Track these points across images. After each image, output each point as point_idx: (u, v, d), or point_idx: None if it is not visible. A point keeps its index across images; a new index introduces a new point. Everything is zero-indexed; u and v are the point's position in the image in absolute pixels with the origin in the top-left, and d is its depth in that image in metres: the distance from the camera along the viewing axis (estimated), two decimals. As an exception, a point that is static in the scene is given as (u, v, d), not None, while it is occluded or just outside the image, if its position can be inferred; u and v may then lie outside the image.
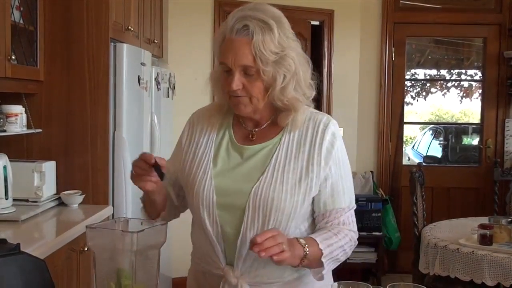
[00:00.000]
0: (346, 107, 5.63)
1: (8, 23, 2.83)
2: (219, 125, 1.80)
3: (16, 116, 3.13)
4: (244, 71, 1.60)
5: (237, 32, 1.59)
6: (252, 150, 1.72)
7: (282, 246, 1.50)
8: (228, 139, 1.77)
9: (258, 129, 1.75)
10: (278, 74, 1.61)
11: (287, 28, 1.66)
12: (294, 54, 1.64)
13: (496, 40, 5.66)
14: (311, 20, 5.53)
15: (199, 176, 1.72)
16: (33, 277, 1.58)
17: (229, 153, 1.74)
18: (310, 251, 1.60)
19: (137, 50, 3.73)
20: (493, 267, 3.09)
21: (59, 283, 2.44)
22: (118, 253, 1.47)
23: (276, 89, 1.62)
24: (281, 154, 1.69)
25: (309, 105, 1.75)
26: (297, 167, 1.68)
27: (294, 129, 1.71)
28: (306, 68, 1.69)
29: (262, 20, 1.59)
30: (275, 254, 1.48)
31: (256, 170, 1.69)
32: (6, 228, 2.71)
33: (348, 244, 1.75)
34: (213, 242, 1.70)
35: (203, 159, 1.75)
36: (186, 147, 1.81)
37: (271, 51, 1.58)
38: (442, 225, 3.91)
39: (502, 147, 5.72)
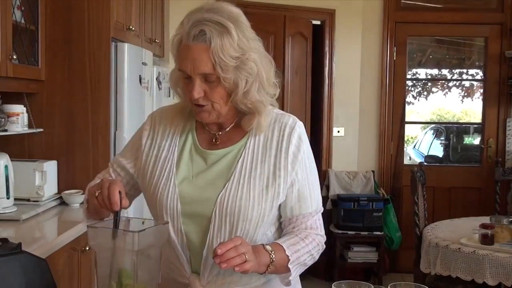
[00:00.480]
0: (347, 106, 5.63)
1: (10, 23, 2.83)
2: (182, 128, 1.72)
3: (18, 115, 3.13)
4: (205, 78, 1.54)
5: (194, 38, 1.51)
6: (217, 155, 1.66)
7: (244, 257, 1.46)
8: (192, 143, 1.70)
9: (222, 133, 1.69)
10: (240, 79, 1.54)
11: (246, 28, 1.58)
12: (255, 56, 1.57)
13: (498, 40, 5.66)
14: (312, 19, 5.53)
15: (161, 182, 1.65)
16: (35, 277, 1.58)
17: (193, 158, 1.68)
18: (276, 257, 1.57)
19: (139, 50, 3.73)
20: (495, 266, 3.09)
21: (60, 283, 2.44)
22: (119, 252, 1.47)
23: (239, 94, 1.56)
24: (246, 159, 1.64)
25: (274, 105, 1.69)
26: (263, 172, 1.63)
27: (259, 133, 1.66)
28: (269, 67, 1.63)
29: (219, 23, 1.51)
30: (237, 265, 1.46)
31: (221, 176, 1.63)
32: (7, 228, 2.72)
33: (315, 248, 1.71)
34: (178, 251, 1.65)
35: (166, 164, 1.67)
36: (147, 148, 1.72)
37: (231, 57, 1.51)
38: (443, 224, 3.91)
39: (504, 146, 5.72)
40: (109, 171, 1.79)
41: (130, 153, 1.77)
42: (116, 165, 1.78)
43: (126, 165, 1.76)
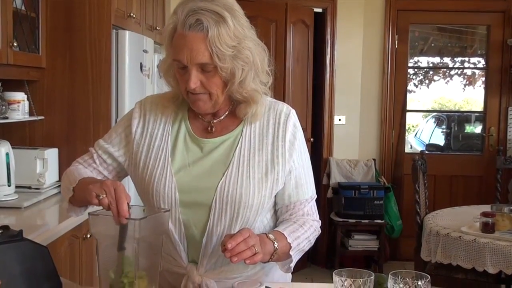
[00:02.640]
0: (349, 94, 5.63)
1: (10, 10, 2.82)
2: (174, 116, 1.70)
3: (19, 103, 3.13)
4: (201, 67, 1.52)
5: (190, 27, 1.48)
6: (213, 144, 1.65)
7: (254, 249, 1.47)
8: (185, 132, 1.68)
9: (217, 121, 1.68)
10: (236, 68, 1.53)
11: (241, 16, 1.56)
12: (251, 45, 1.56)
13: (500, 28, 5.64)
14: (314, 7, 5.51)
15: (157, 172, 1.63)
16: (36, 264, 1.58)
17: (188, 147, 1.66)
18: (279, 245, 1.58)
19: (140, 37, 3.72)
20: (495, 255, 3.10)
21: (61, 270, 2.44)
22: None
23: (235, 83, 1.55)
24: (244, 147, 1.64)
25: (266, 93, 1.67)
26: (262, 160, 1.63)
27: (254, 121, 1.66)
28: (263, 56, 1.62)
29: (215, 12, 1.49)
30: (248, 258, 1.46)
31: (219, 164, 1.63)
32: (9, 215, 2.73)
33: (313, 234, 1.72)
34: (175, 241, 1.65)
35: (160, 153, 1.66)
36: (138, 136, 1.70)
37: (227, 46, 1.49)
38: (444, 213, 3.92)
39: (505, 135, 5.72)
40: (92, 156, 1.75)
41: (118, 140, 1.73)
42: (101, 151, 1.74)
43: (113, 152, 1.73)
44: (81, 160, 1.77)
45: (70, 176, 1.68)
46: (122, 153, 1.73)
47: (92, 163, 1.74)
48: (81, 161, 1.77)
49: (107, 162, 1.74)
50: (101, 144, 1.75)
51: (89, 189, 1.45)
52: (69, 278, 2.50)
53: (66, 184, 1.67)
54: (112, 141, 1.74)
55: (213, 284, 1.65)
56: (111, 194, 1.42)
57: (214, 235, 1.61)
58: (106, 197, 1.42)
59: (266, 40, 5.63)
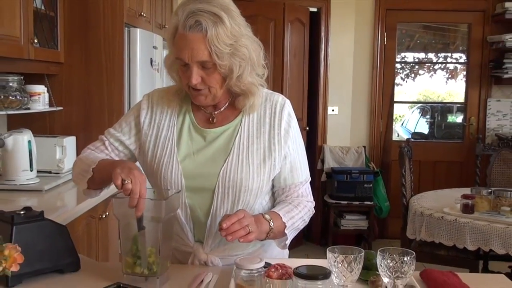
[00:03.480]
0: (341, 87, 5.62)
1: (31, 10, 2.81)
2: (179, 109, 1.70)
3: (39, 95, 3.13)
4: (202, 65, 1.52)
5: (190, 28, 1.48)
6: (214, 133, 1.66)
7: (248, 228, 1.48)
8: (190, 123, 1.68)
9: (218, 112, 1.68)
10: (234, 64, 1.53)
11: (237, 16, 1.55)
12: (247, 42, 1.55)
13: (480, 26, 5.62)
14: (309, 7, 5.49)
15: (164, 160, 1.64)
16: (56, 241, 1.59)
17: (192, 137, 1.67)
18: (275, 225, 1.59)
19: (149, 35, 3.71)
20: (474, 233, 3.11)
21: (79, 247, 2.45)
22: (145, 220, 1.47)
23: (233, 78, 1.55)
24: (243, 136, 1.64)
25: (262, 85, 1.66)
26: (260, 147, 1.64)
27: (252, 111, 1.66)
28: (258, 51, 1.60)
29: (213, 13, 1.48)
30: (241, 237, 1.47)
31: (221, 152, 1.64)
32: (31, 197, 2.73)
33: (307, 214, 1.73)
34: (182, 223, 1.66)
35: (167, 143, 1.66)
36: (146, 127, 1.69)
37: (225, 44, 1.49)
38: (428, 195, 3.92)
39: (484, 124, 5.72)
40: (104, 143, 1.74)
41: (128, 129, 1.73)
42: (112, 139, 1.73)
43: (125, 140, 1.72)
44: (92, 147, 1.76)
45: (86, 160, 1.67)
46: (133, 141, 1.72)
47: (104, 150, 1.74)
48: (92, 148, 1.76)
49: (119, 149, 1.73)
50: (112, 132, 1.75)
51: (116, 172, 1.44)
52: (86, 255, 2.52)
53: (83, 167, 1.66)
54: (123, 129, 1.74)
55: (218, 260, 1.67)
56: (136, 186, 1.41)
57: (218, 217, 1.61)
58: (131, 184, 1.41)
59: (266, 37, 5.63)
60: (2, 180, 2.87)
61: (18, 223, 1.51)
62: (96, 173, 1.61)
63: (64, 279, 1.56)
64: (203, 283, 1.51)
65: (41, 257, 1.53)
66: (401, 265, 1.36)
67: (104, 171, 1.56)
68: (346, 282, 1.38)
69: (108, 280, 1.47)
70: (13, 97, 2.90)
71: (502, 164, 4.39)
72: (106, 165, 1.57)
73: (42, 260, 1.53)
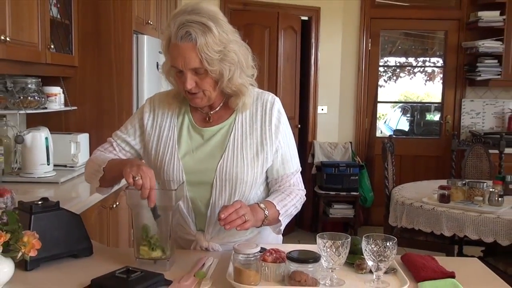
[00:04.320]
0: (330, 88, 5.61)
1: (48, 18, 2.80)
2: (178, 110, 1.70)
3: (55, 96, 3.13)
4: (195, 71, 1.52)
5: (182, 38, 1.48)
6: (211, 131, 1.66)
7: (244, 218, 1.49)
8: (188, 123, 1.68)
9: (213, 112, 1.67)
10: (224, 69, 1.53)
11: (225, 23, 1.54)
12: (235, 47, 1.55)
13: (456, 33, 5.62)
14: (301, 15, 5.47)
15: (166, 157, 1.64)
16: (71, 229, 1.59)
17: (191, 135, 1.67)
18: (269, 213, 1.60)
19: (156, 41, 3.70)
20: (450, 221, 3.11)
21: (92, 234, 2.44)
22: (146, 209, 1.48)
23: (225, 81, 1.55)
24: (237, 133, 1.64)
25: (253, 85, 1.66)
26: (253, 143, 1.64)
27: (244, 110, 1.66)
28: (246, 54, 1.60)
29: (201, 23, 1.48)
30: (238, 226, 1.48)
31: (218, 148, 1.64)
32: (48, 189, 2.72)
33: (299, 201, 1.73)
34: (184, 214, 1.66)
35: (168, 142, 1.66)
36: (149, 128, 1.70)
37: (214, 51, 1.49)
38: (408, 186, 3.92)
39: (459, 122, 5.73)
40: (112, 144, 1.74)
41: (133, 131, 1.73)
42: (119, 140, 1.74)
43: (130, 141, 1.73)
44: (101, 149, 1.76)
45: (97, 161, 1.68)
46: (138, 142, 1.73)
47: (112, 150, 1.74)
48: (101, 150, 1.76)
49: (126, 149, 1.74)
50: (119, 134, 1.75)
51: (127, 170, 1.44)
52: (98, 241, 2.51)
53: (95, 167, 1.66)
54: (128, 131, 1.74)
55: (218, 247, 1.68)
56: (146, 180, 1.42)
57: (217, 207, 1.61)
58: (142, 180, 1.42)
59: (261, 43, 5.61)
60: (22, 173, 2.87)
61: (36, 212, 1.51)
62: (106, 172, 1.62)
63: (78, 263, 1.56)
64: (204, 266, 1.51)
65: (57, 243, 1.53)
66: (384, 250, 1.37)
67: (114, 169, 1.57)
68: (334, 265, 1.38)
69: (119, 264, 1.47)
70: (31, 97, 2.90)
71: (475, 158, 4.40)
72: (116, 164, 1.58)
73: (58, 246, 1.53)
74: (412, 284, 1.41)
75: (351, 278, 1.44)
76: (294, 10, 5.36)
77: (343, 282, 1.39)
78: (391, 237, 1.39)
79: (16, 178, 2.83)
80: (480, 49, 5.26)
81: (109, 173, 1.61)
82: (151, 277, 1.37)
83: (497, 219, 2.98)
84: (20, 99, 2.84)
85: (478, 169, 4.36)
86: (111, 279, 1.36)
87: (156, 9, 3.95)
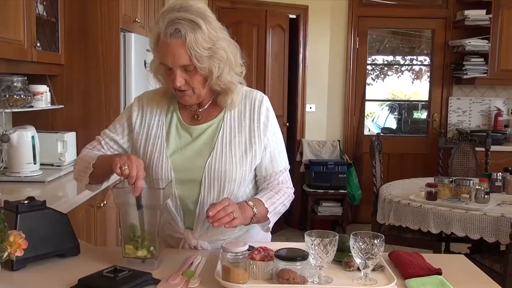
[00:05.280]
0: (318, 87, 5.62)
1: (34, 15, 2.77)
2: (167, 108, 1.69)
3: (42, 94, 3.10)
4: (184, 68, 1.52)
5: (171, 35, 1.47)
6: (200, 129, 1.65)
7: (232, 215, 1.48)
8: (177, 121, 1.67)
9: (202, 110, 1.67)
10: (213, 66, 1.53)
11: (213, 20, 1.54)
12: (224, 44, 1.54)
13: (443, 31, 5.66)
14: (289, 14, 5.47)
15: (155, 155, 1.63)
16: (58, 228, 1.57)
17: (179, 133, 1.66)
18: (258, 210, 1.59)
19: (143, 39, 3.68)
20: (437, 218, 3.13)
21: (79, 233, 2.43)
22: (133, 208, 1.48)
23: (214, 78, 1.55)
24: (226, 130, 1.64)
25: (242, 83, 1.66)
26: (241, 140, 1.64)
27: (233, 107, 1.65)
28: (235, 52, 1.60)
29: (190, 20, 1.47)
30: (226, 223, 1.47)
31: (206, 146, 1.63)
32: (35, 188, 2.70)
33: (287, 199, 1.72)
34: (172, 212, 1.65)
35: (157, 140, 1.65)
36: (137, 126, 1.69)
37: (204, 48, 1.48)
38: (396, 184, 3.94)
39: (446, 120, 5.77)
40: (100, 143, 1.73)
41: (121, 130, 1.73)
42: (108, 139, 1.73)
43: (119, 140, 1.72)
44: (90, 147, 1.75)
45: (86, 158, 1.67)
46: (126, 140, 1.72)
47: (100, 149, 1.73)
48: (90, 148, 1.75)
49: (114, 147, 1.73)
50: (107, 133, 1.75)
51: (115, 160, 1.45)
52: (85, 240, 2.50)
53: (84, 164, 1.65)
54: (117, 130, 1.73)
55: (206, 245, 1.67)
56: (133, 169, 1.43)
57: (205, 205, 1.60)
58: (129, 168, 1.43)
59: (249, 41, 5.61)
60: (8, 173, 2.84)
61: (22, 212, 1.50)
62: (96, 168, 1.61)
63: (65, 263, 1.55)
64: (193, 265, 1.51)
65: (43, 242, 1.52)
66: (372, 247, 1.37)
67: (104, 165, 1.57)
68: (322, 263, 1.38)
69: (106, 263, 1.46)
70: (17, 96, 2.87)
71: (462, 156, 4.43)
72: (105, 159, 1.58)
73: (44, 246, 1.52)
74: (399, 281, 1.41)
75: (339, 276, 1.44)
76: (282, 8, 5.36)
77: (331, 279, 1.40)
78: (378, 234, 1.39)
79: (2, 178, 2.80)
80: (466, 47, 5.30)
81: (98, 169, 1.61)
82: (139, 276, 1.37)
83: (483, 216, 3.00)
84: (6, 97, 2.82)
85: (465, 166, 4.40)
86: (99, 279, 1.35)
87: (143, 7, 3.94)
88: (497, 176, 3.52)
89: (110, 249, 2.53)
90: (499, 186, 3.49)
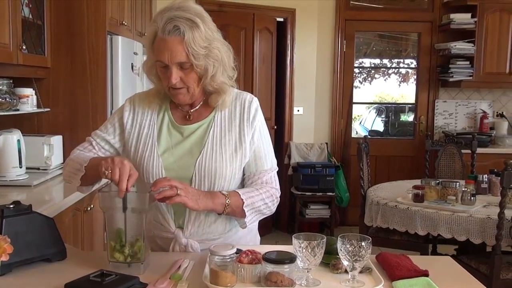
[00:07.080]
0: (306, 89, 5.64)
1: (19, 18, 2.75)
2: (158, 108, 1.71)
3: (28, 97, 3.08)
4: (180, 66, 1.54)
5: (169, 32, 1.50)
6: (191, 129, 1.67)
7: (176, 190, 1.48)
8: (168, 120, 1.69)
9: (193, 110, 1.69)
10: (209, 65, 1.56)
11: (209, 22, 1.58)
12: (219, 45, 1.58)
13: (429, 35, 5.70)
14: (276, 17, 5.49)
15: (146, 154, 1.65)
16: (44, 232, 1.56)
17: (171, 133, 1.68)
18: (232, 200, 1.59)
19: (130, 42, 3.67)
20: (424, 220, 3.15)
21: (66, 237, 2.42)
22: (119, 212, 1.47)
23: (208, 77, 1.58)
24: (216, 130, 1.66)
25: (233, 86, 1.69)
26: (231, 139, 1.66)
27: (223, 108, 1.68)
28: (229, 54, 1.63)
29: (189, 19, 1.51)
30: (168, 197, 1.47)
31: (197, 145, 1.65)
32: (21, 192, 2.68)
33: (270, 198, 1.68)
34: (163, 211, 1.66)
35: (148, 140, 1.67)
36: (129, 126, 1.70)
37: (201, 46, 1.52)
38: (383, 186, 3.96)
39: (432, 122, 5.81)
40: (91, 143, 1.74)
41: (112, 130, 1.74)
42: (99, 139, 1.74)
43: (110, 140, 1.73)
44: (81, 148, 1.76)
45: (77, 159, 1.68)
46: (117, 140, 1.74)
47: (92, 149, 1.74)
48: (81, 149, 1.75)
49: (105, 148, 1.74)
50: (98, 133, 1.76)
51: (101, 164, 1.46)
52: (72, 244, 2.48)
53: (75, 166, 1.66)
54: (108, 130, 1.75)
55: (197, 245, 1.67)
56: (116, 171, 1.43)
57: None
58: (111, 170, 1.44)
59: (237, 44, 5.61)
60: (-7, 176, 2.82)
61: (7, 216, 1.48)
62: (88, 170, 1.62)
63: (52, 267, 1.53)
64: (180, 268, 1.50)
65: (29, 247, 1.50)
66: (359, 250, 1.38)
67: (94, 167, 1.57)
68: (310, 266, 1.38)
69: (93, 268, 1.45)
70: (3, 99, 2.85)
71: (448, 158, 4.47)
72: (95, 163, 1.58)
73: (30, 250, 1.50)
74: (386, 283, 1.42)
75: (327, 278, 1.44)
76: (270, 11, 5.38)
77: (319, 282, 1.40)
78: (366, 237, 1.40)
79: (-12, 182, 2.78)
80: (452, 50, 5.35)
81: (90, 171, 1.61)
82: (127, 280, 1.36)
83: (470, 218, 3.03)
84: (-9, 100, 2.79)
85: (451, 168, 4.43)
86: (85, 283, 1.34)
87: (130, 10, 3.92)
88: (483, 178, 3.55)
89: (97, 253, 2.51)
90: (485, 188, 3.52)
